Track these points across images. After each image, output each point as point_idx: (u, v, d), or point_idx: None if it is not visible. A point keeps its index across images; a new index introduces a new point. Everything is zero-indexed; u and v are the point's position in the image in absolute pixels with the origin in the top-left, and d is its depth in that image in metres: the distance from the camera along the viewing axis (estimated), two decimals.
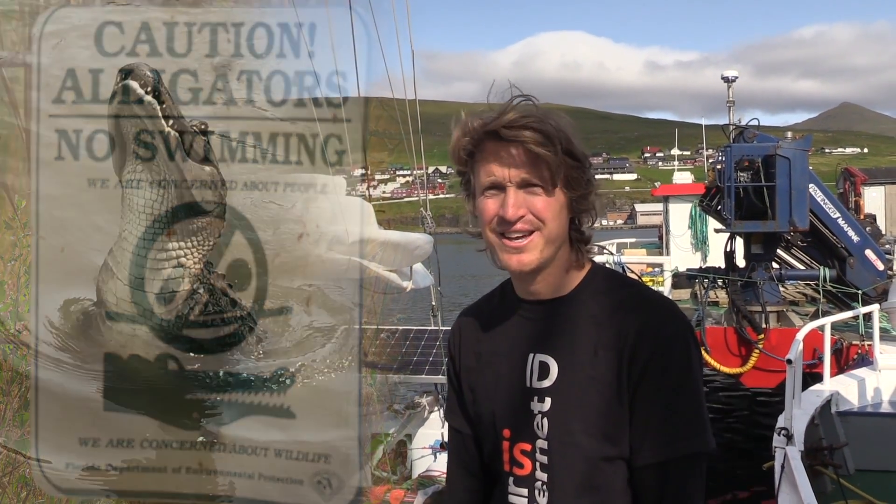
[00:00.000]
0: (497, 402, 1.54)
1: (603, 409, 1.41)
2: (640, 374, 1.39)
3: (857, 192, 17.34)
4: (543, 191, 1.41)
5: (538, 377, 1.48)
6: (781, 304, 9.82)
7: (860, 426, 6.43)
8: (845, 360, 8.38)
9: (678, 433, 1.39)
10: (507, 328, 1.57)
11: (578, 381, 1.44)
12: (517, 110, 1.40)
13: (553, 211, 1.42)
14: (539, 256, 1.43)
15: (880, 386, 6.92)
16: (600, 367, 1.42)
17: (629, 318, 1.43)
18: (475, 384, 1.60)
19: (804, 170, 9.61)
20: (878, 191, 23.00)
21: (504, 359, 1.55)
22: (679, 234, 17.42)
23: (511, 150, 1.40)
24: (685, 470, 1.40)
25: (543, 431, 1.46)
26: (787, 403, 5.30)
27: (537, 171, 1.40)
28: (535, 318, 1.52)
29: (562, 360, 1.46)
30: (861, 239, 10.07)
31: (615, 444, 1.41)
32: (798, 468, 4.45)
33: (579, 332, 1.46)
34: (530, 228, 1.42)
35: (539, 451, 1.47)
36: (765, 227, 9.61)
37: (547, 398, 1.46)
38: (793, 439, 4.96)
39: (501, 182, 1.42)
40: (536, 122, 1.39)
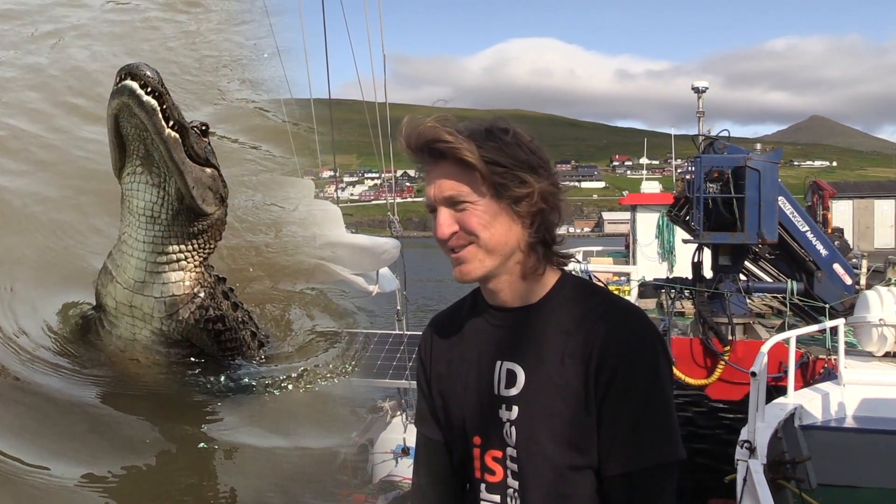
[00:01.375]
0: (467, 409, 1.54)
1: (570, 418, 1.41)
2: (607, 382, 1.39)
3: (825, 205, 17.56)
4: (471, 205, 1.42)
5: (506, 385, 1.48)
6: (748, 317, 9.83)
7: (823, 440, 6.46)
8: (811, 374, 8.42)
9: (646, 443, 1.38)
10: (476, 335, 1.57)
11: (545, 390, 1.43)
12: (426, 129, 1.43)
13: (482, 222, 1.42)
14: (480, 266, 1.45)
15: (844, 400, 6.96)
16: (567, 375, 1.42)
17: (597, 327, 1.42)
18: (446, 391, 1.60)
19: (774, 182, 9.63)
20: (846, 204, 23.36)
21: (473, 366, 1.55)
22: (646, 244, 17.52)
23: (435, 168, 1.44)
24: (654, 480, 1.40)
25: (512, 439, 1.46)
26: (751, 416, 5.30)
27: (461, 186, 1.42)
28: (503, 325, 1.52)
29: (528, 368, 1.46)
30: (829, 253, 10.11)
31: (583, 453, 1.41)
32: (760, 481, 4.43)
33: (546, 341, 1.46)
34: (465, 242, 1.44)
35: (509, 459, 1.48)
36: (733, 239, 9.62)
37: (514, 406, 1.46)
38: (755, 452, 4.95)
39: (434, 204, 1.46)
40: (440, 140, 1.40)
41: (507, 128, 1.45)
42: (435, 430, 1.64)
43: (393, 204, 5.15)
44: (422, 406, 1.69)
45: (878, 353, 7.97)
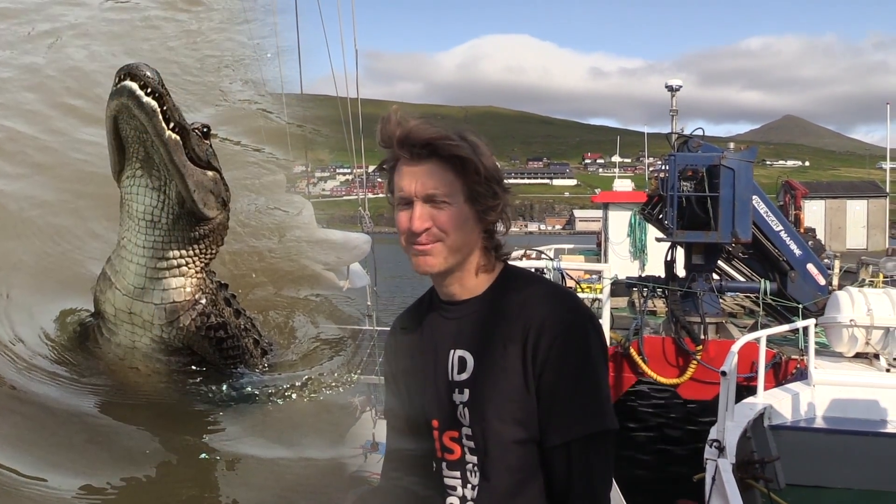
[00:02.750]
0: (426, 396, 1.68)
1: (513, 397, 1.54)
2: (542, 362, 1.52)
3: (797, 205, 17.70)
4: (448, 205, 1.55)
5: (458, 371, 1.62)
6: (721, 316, 9.87)
7: (792, 440, 6.50)
8: (784, 374, 8.47)
9: (579, 415, 1.52)
10: (432, 328, 1.70)
11: (491, 373, 1.57)
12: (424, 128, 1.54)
13: (456, 223, 1.56)
14: (443, 262, 1.58)
15: (814, 401, 7.00)
16: (509, 358, 1.55)
17: (532, 312, 1.55)
18: (409, 384, 1.73)
19: (749, 181, 9.65)
20: (818, 204, 23.62)
21: (430, 356, 1.68)
22: (618, 242, 17.57)
23: (418, 167, 1.55)
24: (589, 449, 1.52)
25: (466, 419, 1.61)
26: (720, 415, 5.31)
27: (443, 186, 1.55)
28: (454, 317, 1.66)
29: (477, 354, 1.60)
30: (803, 253, 10.16)
31: (526, 428, 1.54)
32: (729, 481, 4.44)
33: (490, 328, 1.59)
34: (433, 239, 1.56)
35: (465, 437, 1.62)
36: (707, 238, 9.63)
37: (465, 389, 1.61)
38: (724, 451, 4.97)
39: (410, 197, 1.56)
40: (440, 136, 1.53)
41: (477, 141, 1.58)
42: (401, 422, 1.78)
43: (364, 200, 5.07)
44: (389, 399, 1.83)
45: (849, 354, 8.04)
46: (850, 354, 8.05)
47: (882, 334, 7.71)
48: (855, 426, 6.71)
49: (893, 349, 7.66)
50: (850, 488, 6.35)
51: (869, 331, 7.71)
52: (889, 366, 7.71)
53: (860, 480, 6.34)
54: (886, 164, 30.43)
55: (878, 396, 6.94)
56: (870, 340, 7.77)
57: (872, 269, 12.68)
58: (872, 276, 12.19)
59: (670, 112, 11.94)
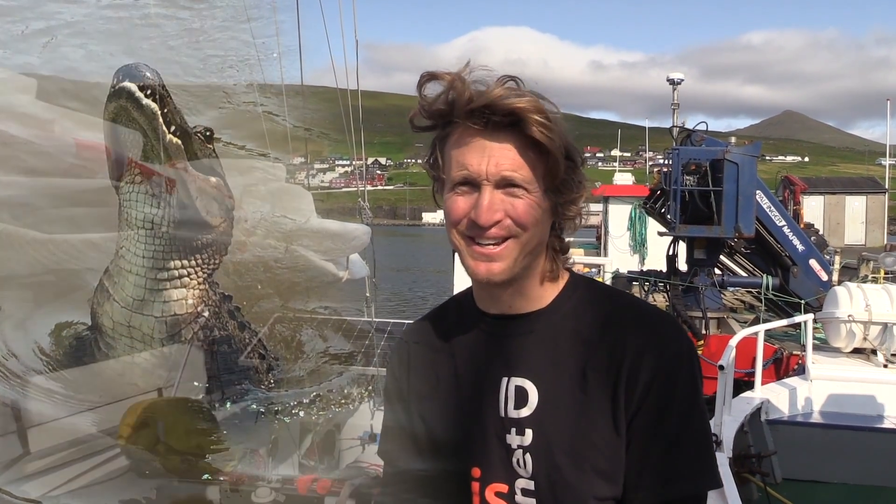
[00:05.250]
0: (461, 436, 1.31)
1: (596, 442, 1.21)
2: (640, 399, 1.20)
3: (796, 200, 17.69)
4: (527, 192, 1.21)
5: (515, 405, 1.27)
6: (722, 311, 9.87)
7: (789, 435, 6.52)
8: (785, 369, 8.49)
9: (683, 470, 1.21)
10: (470, 348, 1.34)
11: (565, 409, 1.24)
12: (508, 90, 1.18)
13: (535, 217, 1.22)
14: (512, 266, 1.23)
15: (811, 396, 7.03)
16: (591, 392, 1.23)
17: (624, 336, 1.23)
18: (430, 413, 1.36)
19: (752, 176, 9.63)
20: (817, 200, 23.65)
21: (469, 384, 1.33)
22: (618, 236, 17.62)
23: (494, 140, 1.19)
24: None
25: (527, 469, 1.25)
26: (717, 409, 5.33)
27: (524, 169, 1.20)
28: (507, 335, 1.31)
29: (543, 384, 1.26)
30: (806, 248, 10.15)
31: (610, 480, 1.22)
32: (725, 475, 4.45)
33: (563, 352, 1.26)
34: (506, 235, 1.22)
35: (521, 493, 1.26)
36: (710, 233, 9.62)
37: (527, 429, 1.25)
38: (721, 445, 4.97)
39: (476, 179, 1.20)
40: (533, 108, 1.16)
41: (560, 115, 1.23)
42: (409, 459, 1.39)
43: (364, 191, 5.07)
44: (391, 430, 1.45)
45: (847, 349, 8.06)
46: (848, 350, 8.08)
47: (880, 330, 7.74)
48: (852, 421, 6.74)
49: (891, 345, 7.68)
50: (846, 483, 6.39)
51: (867, 326, 7.74)
52: (886, 361, 7.74)
53: (856, 475, 6.38)
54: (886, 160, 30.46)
55: (875, 392, 6.97)
56: (867, 336, 7.79)
57: (873, 265, 12.70)
58: (873, 272, 12.22)
59: (671, 106, 11.92)
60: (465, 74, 1.19)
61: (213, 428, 4.73)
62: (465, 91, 1.18)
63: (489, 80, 1.19)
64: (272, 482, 4.50)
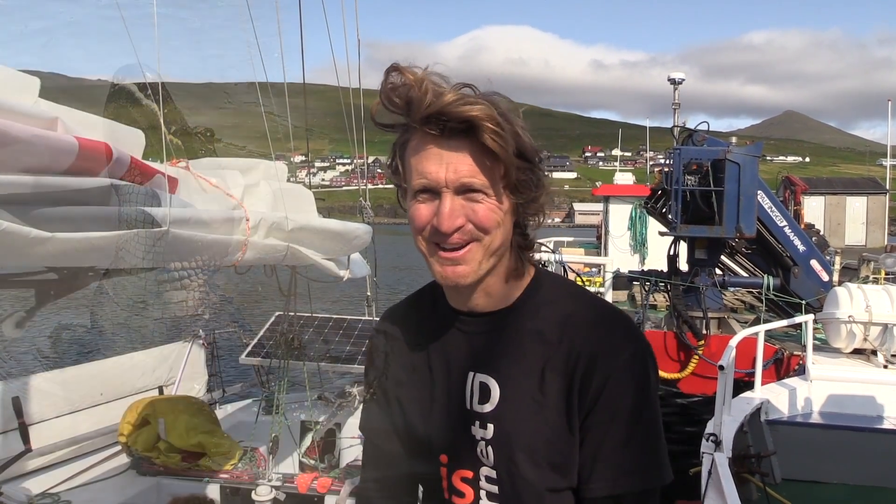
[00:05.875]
0: (432, 424, 1.40)
1: (550, 438, 1.28)
2: (592, 401, 1.26)
3: (797, 201, 17.70)
4: (486, 197, 1.24)
5: (479, 400, 1.34)
6: (723, 311, 9.85)
7: (789, 435, 6.52)
8: (786, 370, 8.48)
9: (634, 465, 1.27)
10: (442, 342, 1.41)
11: (524, 407, 1.30)
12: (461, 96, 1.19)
13: (496, 219, 1.25)
14: (477, 269, 1.27)
15: (811, 396, 7.03)
16: (548, 390, 1.29)
17: (580, 336, 1.29)
18: (406, 399, 1.45)
19: (754, 176, 9.59)
20: (817, 200, 23.64)
21: (440, 376, 1.40)
22: (618, 235, 17.62)
23: (450, 147, 1.21)
24: None
25: (489, 460, 1.33)
26: (717, 409, 5.33)
27: (481, 174, 1.22)
28: (474, 332, 1.37)
29: (504, 381, 1.32)
30: (807, 249, 10.13)
31: (564, 474, 1.29)
32: (725, 475, 4.46)
33: (523, 351, 1.32)
34: (469, 239, 1.25)
35: (485, 480, 1.35)
36: (711, 233, 9.58)
37: (489, 424, 1.32)
38: (721, 445, 4.97)
39: (436, 187, 1.23)
40: (485, 116, 1.18)
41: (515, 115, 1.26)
42: (389, 439, 1.49)
43: (365, 190, 5.08)
44: (372, 410, 1.53)
45: (847, 350, 8.06)
46: (848, 350, 8.08)
47: (880, 331, 7.74)
48: (851, 422, 6.75)
49: (891, 345, 7.68)
50: (845, 483, 6.39)
51: (867, 327, 7.74)
52: (886, 362, 7.74)
53: (856, 476, 6.38)
54: (887, 160, 30.43)
55: (875, 392, 6.97)
56: (868, 337, 7.79)
57: (874, 266, 12.70)
58: (874, 273, 12.22)
59: (672, 105, 11.91)
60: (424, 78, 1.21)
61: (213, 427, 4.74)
62: (423, 96, 1.19)
63: (445, 86, 1.21)
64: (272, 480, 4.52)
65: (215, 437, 4.73)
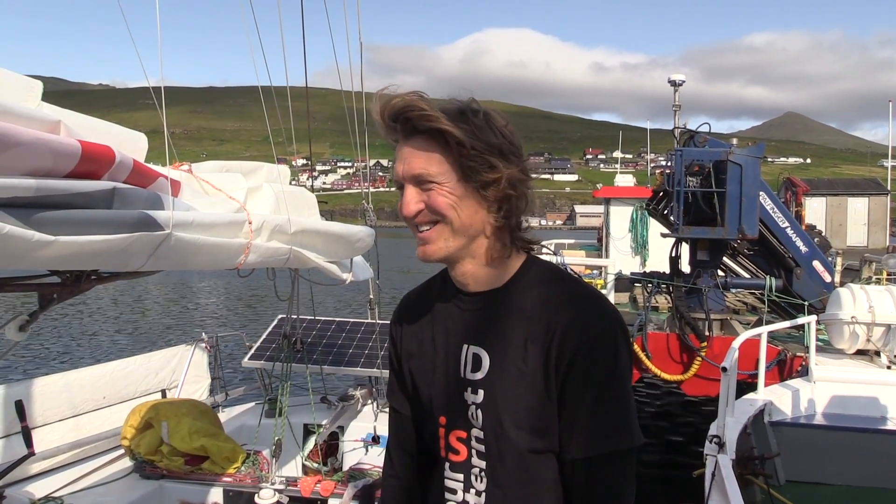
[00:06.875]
0: (434, 390, 1.58)
1: (531, 403, 1.43)
2: (566, 369, 1.40)
3: (798, 202, 17.67)
4: (438, 184, 1.42)
5: (472, 369, 1.51)
6: (726, 313, 9.80)
7: (792, 437, 6.51)
8: (789, 371, 8.47)
9: (604, 430, 1.41)
10: (445, 317, 1.59)
11: (508, 375, 1.45)
12: (400, 97, 1.41)
13: (448, 203, 1.42)
14: (444, 247, 1.45)
15: (814, 397, 7.02)
16: (530, 361, 1.44)
17: (558, 313, 1.44)
18: (415, 369, 1.63)
19: (756, 177, 9.55)
20: (819, 202, 23.63)
21: (441, 348, 1.57)
22: (619, 237, 17.61)
23: (408, 145, 1.43)
24: (612, 465, 1.42)
25: (479, 422, 1.49)
26: (721, 411, 5.32)
27: (431, 165, 1.41)
28: (470, 309, 1.55)
29: (493, 352, 1.49)
30: (809, 250, 10.09)
31: (544, 437, 1.44)
32: (728, 476, 4.45)
33: (510, 326, 1.47)
34: (431, 220, 1.44)
35: (475, 440, 1.51)
36: (713, 234, 9.54)
37: (480, 390, 1.49)
38: (724, 447, 4.97)
39: (400, 181, 1.45)
40: (405, 106, 1.39)
41: (479, 110, 1.43)
42: (404, 405, 1.69)
43: (367, 193, 5.06)
44: (392, 380, 1.74)
45: (850, 351, 8.05)
46: (851, 351, 8.07)
47: (883, 331, 7.72)
48: (855, 423, 6.74)
49: (894, 346, 7.67)
50: (849, 485, 6.38)
51: (870, 328, 7.73)
52: (890, 363, 7.72)
53: (860, 477, 6.36)
54: (888, 161, 30.36)
55: (878, 393, 6.97)
56: (871, 337, 7.78)
57: (876, 267, 12.68)
58: (876, 274, 12.20)
59: (673, 107, 11.89)
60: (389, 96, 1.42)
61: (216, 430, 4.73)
62: (381, 111, 1.42)
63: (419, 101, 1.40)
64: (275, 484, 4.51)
65: (218, 441, 4.73)
